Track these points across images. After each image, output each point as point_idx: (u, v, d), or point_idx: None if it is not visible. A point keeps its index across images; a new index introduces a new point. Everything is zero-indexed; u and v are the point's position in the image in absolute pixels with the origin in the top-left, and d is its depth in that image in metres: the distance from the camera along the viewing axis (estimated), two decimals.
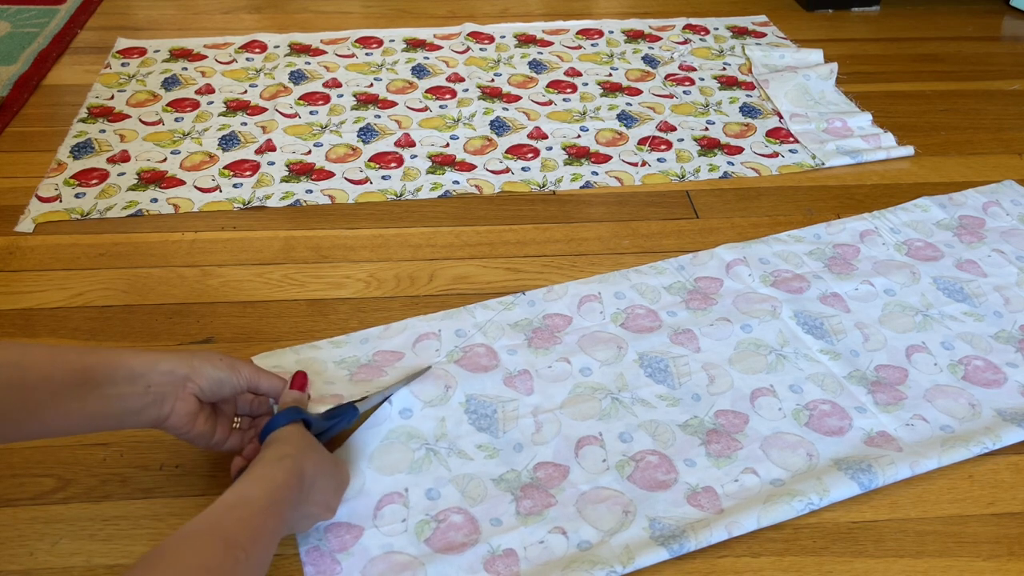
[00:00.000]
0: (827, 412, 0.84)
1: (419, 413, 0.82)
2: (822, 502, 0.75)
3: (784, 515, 0.74)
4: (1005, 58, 1.54)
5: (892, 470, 0.77)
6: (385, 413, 0.81)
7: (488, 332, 0.92)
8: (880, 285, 1.00)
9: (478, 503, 0.75)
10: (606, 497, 0.76)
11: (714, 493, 0.76)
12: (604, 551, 0.71)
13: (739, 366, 0.89)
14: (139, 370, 0.65)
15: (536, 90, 1.39)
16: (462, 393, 0.84)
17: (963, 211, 1.13)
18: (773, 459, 0.79)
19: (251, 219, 1.09)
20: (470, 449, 0.80)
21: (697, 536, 0.71)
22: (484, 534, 0.72)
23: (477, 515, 0.74)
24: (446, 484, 0.76)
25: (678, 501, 0.75)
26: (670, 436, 0.81)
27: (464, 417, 0.82)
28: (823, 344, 0.91)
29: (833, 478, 0.76)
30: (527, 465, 0.79)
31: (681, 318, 0.95)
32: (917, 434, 0.82)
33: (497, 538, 0.72)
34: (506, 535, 0.72)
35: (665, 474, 0.78)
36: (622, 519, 0.74)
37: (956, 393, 0.86)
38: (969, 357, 0.90)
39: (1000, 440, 0.80)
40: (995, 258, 1.04)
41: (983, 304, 0.97)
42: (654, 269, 1.02)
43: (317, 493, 0.68)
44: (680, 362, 0.89)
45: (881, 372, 0.88)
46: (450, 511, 0.74)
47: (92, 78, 1.38)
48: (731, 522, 0.72)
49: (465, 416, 0.82)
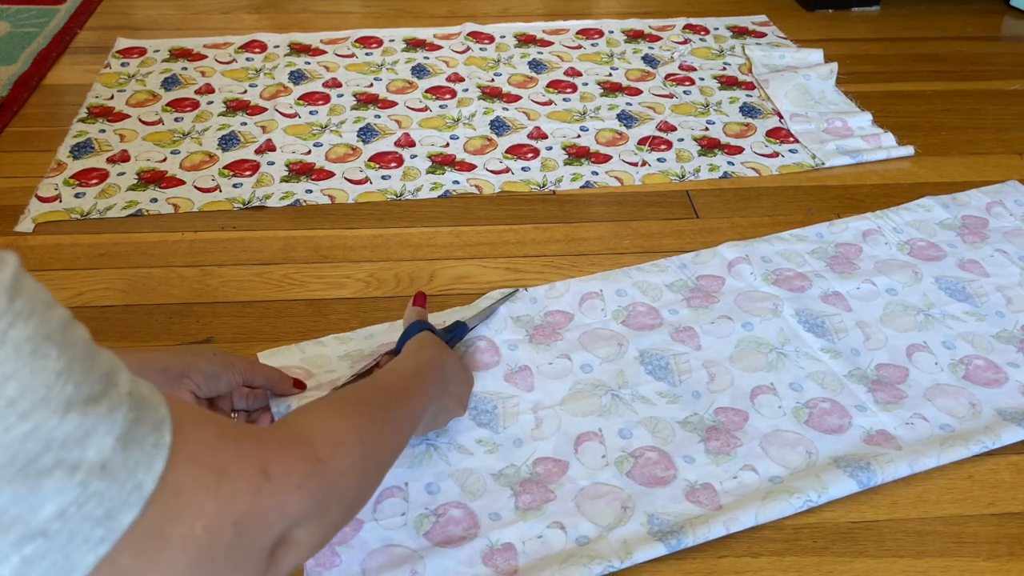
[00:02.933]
0: (827, 410, 0.84)
1: None
2: (820, 499, 0.75)
3: (782, 512, 0.74)
4: (1005, 58, 1.54)
5: (891, 468, 0.77)
6: None
7: (490, 326, 0.92)
8: (882, 284, 1.00)
9: (477, 498, 0.75)
10: (605, 493, 0.76)
11: (713, 490, 0.76)
12: (602, 546, 0.71)
13: (740, 364, 0.89)
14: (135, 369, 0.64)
15: (536, 90, 1.39)
16: None
17: (966, 211, 1.12)
18: (772, 456, 0.79)
19: (251, 219, 1.09)
20: (470, 444, 0.80)
21: (695, 532, 0.71)
22: (483, 528, 0.73)
23: (476, 509, 0.74)
24: (446, 479, 0.77)
25: (677, 497, 0.75)
26: (670, 433, 0.82)
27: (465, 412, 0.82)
28: (824, 342, 0.91)
29: (832, 476, 0.76)
30: (526, 460, 0.79)
31: (682, 316, 0.95)
32: (916, 433, 0.82)
33: (496, 532, 0.72)
34: (505, 529, 0.73)
35: (664, 470, 0.78)
36: (620, 514, 0.74)
37: (956, 392, 0.86)
38: (970, 356, 0.90)
39: (999, 439, 0.80)
40: (998, 258, 1.04)
41: (985, 304, 0.97)
42: (656, 267, 1.02)
43: (454, 385, 0.77)
44: (681, 359, 0.89)
45: (882, 371, 0.89)
46: (449, 505, 0.75)
47: (92, 78, 1.38)
48: (729, 518, 0.73)
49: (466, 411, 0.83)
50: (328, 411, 0.55)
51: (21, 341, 0.34)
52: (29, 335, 0.34)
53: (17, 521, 0.33)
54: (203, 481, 0.40)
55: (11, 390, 0.33)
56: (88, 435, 0.35)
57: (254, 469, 0.43)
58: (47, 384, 0.34)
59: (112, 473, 0.36)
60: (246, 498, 0.42)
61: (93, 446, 0.35)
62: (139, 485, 0.37)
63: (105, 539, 0.35)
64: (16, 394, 0.33)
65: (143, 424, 0.38)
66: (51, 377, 0.34)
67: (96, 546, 0.35)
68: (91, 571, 0.35)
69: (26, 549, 0.34)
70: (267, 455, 0.44)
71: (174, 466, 0.38)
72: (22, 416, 0.33)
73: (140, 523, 0.37)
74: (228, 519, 0.40)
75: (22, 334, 0.34)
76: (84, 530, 0.35)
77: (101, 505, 0.35)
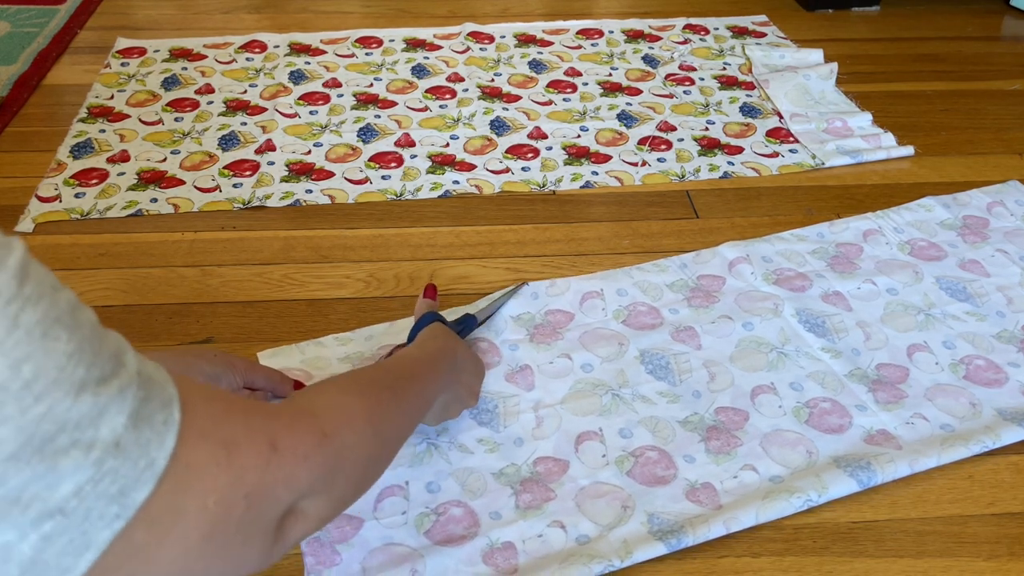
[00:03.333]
0: (827, 410, 0.84)
1: None
2: (820, 499, 0.75)
3: (782, 511, 0.74)
4: (1005, 58, 1.54)
5: (891, 468, 0.77)
6: None
7: (491, 326, 0.92)
8: (883, 284, 1.00)
9: (478, 496, 0.76)
10: (605, 492, 0.76)
11: (713, 489, 0.76)
12: (602, 545, 0.71)
13: (740, 363, 0.89)
14: None
15: (536, 90, 1.39)
16: None
17: (967, 211, 1.12)
18: (773, 456, 0.79)
19: (251, 219, 1.09)
20: (470, 443, 0.80)
21: (695, 531, 0.71)
22: (483, 527, 0.73)
23: (476, 508, 0.75)
24: (446, 477, 0.77)
25: (677, 497, 0.75)
26: (670, 432, 0.82)
27: (465, 412, 0.82)
28: (824, 342, 0.91)
29: (832, 475, 0.76)
30: (527, 459, 0.79)
31: (683, 315, 0.95)
32: (917, 432, 0.82)
33: (496, 531, 0.72)
34: (505, 528, 0.73)
35: (664, 470, 0.78)
36: (621, 514, 0.74)
37: (957, 392, 0.86)
38: (971, 356, 0.90)
39: (1000, 439, 0.80)
40: (999, 258, 1.04)
41: (985, 304, 0.97)
42: (656, 267, 1.02)
43: (465, 374, 0.78)
44: (681, 359, 0.89)
45: (882, 370, 0.89)
46: (450, 504, 0.75)
47: (92, 78, 1.38)
48: (729, 518, 0.73)
49: (466, 411, 0.82)
50: (336, 389, 0.56)
51: (32, 324, 0.34)
52: (39, 318, 0.34)
53: (35, 499, 0.34)
54: (214, 456, 0.40)
55: (27, 372, 0.33)
56: (101, 415, 0.36)
57: (263, 442, 0.43)
58: (59, 366, 0.35)
59: (125, 451, 0.36)
60: (255, 471, 0.42)
61: (106, 425, 0.36)
62: (152, 462, 0.37)
63: (120, 515, 0.36)
64: (31, 376, 0.33)
65: (152, 402, 0.39)
66: (63, 359, 0.35)
67: (111, 522, 0.36)
68: (107, 547, 0.36)
69: (45, 526, 0.34)
70: (275, 428, 0.45)
71: (184, 442, 0.39)
72: (37, 398, 0.34)
73: (153, 499, 0.37)
74: (239, 492, 0.41)
75: (32, 318, 0.34)
76: (99, 507, 0.36)
77: (115, 482, 0.36)
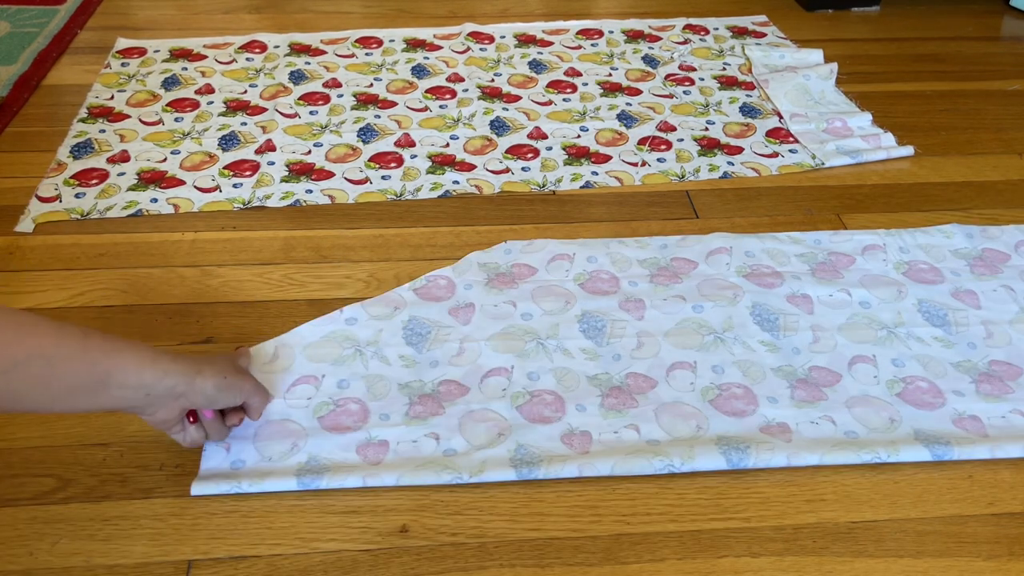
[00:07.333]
0: (737, 395, 0.85)
1: (363, 322, 0.92)
2: (682, 467, 0.77)
3: (641, 469, 0.77)
4: (1005, 58, 1.54)
5: (767, 456, 0.78)
6: (334, 317, 0.92)
7: (456, 267, 0.99)
8: (857, 296, 0.97)
9: (377, 399, 0.83)
10: (489, 418, 0.82)
11: (588, 438, 0.80)
12: (461, 460, 0.77)
13: (672, 340, 0.91)
14: (147, 380, 0.67)
15: (536, 90, 1.39)
16: (408, 314, 0.93)
17: (991, 244, 1.07)
18: (662, 423, 0.82)
19: (251, 219, 1.09)
20: (392, 357, 0.88)
21: (550, 467, 0.76)
22: (370, 424, 0.81)
23: (372, 408, 0.82)
24: (358, 380, 0.85)
25: (552, 437, 0.80)
26: (573, 382, 0.86)
27: (400, 332, 0.90)
28: (767, 336, 0.92)
29: (704, 449, 0.79)
30: (434, 379, 0.86)
31: (639, 289, 0.98)
32: (817, 432, 0.81)
33: (378, 430, 0.80)
34: (387, 429, 0.80)
35: (553, 412, 0.83)
36: (494, 439, 0.79)
37: (881, 406, 0.84)
38: (914, 377, 0.88)
39: (897, 455, 0.79)
40: (1000, 293, 0.99)
41: (960, 334, 0.93)
42: (638, 243, 1.05)
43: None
44: (618, 325, 0.93)
45: (814, 372, 0.88)
46: (350, 400, 0.83)
47: (92, 78, 1.38)
48: (585, 463, 0.77)
49: (401, 331, 0.90)
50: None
51: None
52: None
53: None
54: None
55: None
56: None
57: None
58: None
59: None
60: None
61: None
62: None
63: None
64: None
65: None
66: None
67: None
68: None
69: None
70: None
71: None
72: None
73: None
74: None
75: None
76: None
77: None
